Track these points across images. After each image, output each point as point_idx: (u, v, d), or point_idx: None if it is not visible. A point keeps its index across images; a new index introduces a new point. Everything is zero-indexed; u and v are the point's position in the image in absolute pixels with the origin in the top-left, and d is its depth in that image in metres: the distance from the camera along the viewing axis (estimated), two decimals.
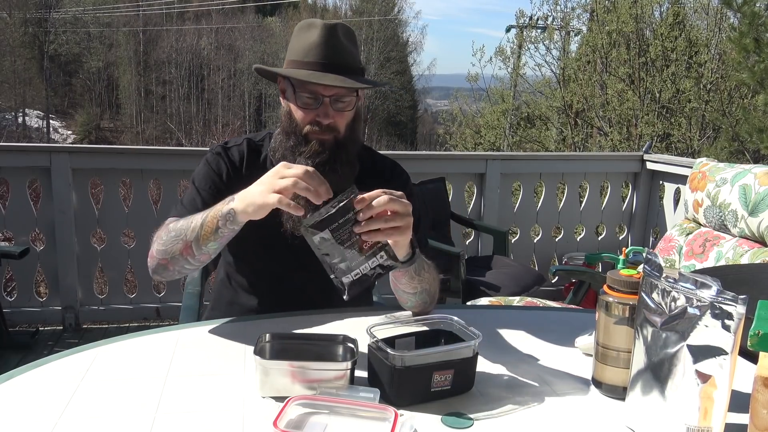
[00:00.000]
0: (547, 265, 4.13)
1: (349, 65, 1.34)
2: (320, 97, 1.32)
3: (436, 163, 4.12)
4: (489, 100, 15.10)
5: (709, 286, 0.84)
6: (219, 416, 0.94)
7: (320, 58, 1.32)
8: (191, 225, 1.23)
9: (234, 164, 1.43)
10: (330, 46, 1.33)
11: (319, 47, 1.33)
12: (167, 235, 1.27)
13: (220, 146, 1.47)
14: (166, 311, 3.66)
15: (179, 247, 1.25)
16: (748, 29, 5.40)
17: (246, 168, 1.43)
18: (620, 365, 1.01)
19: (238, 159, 1.44)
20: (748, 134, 6.01)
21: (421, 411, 0.95)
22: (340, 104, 1.34)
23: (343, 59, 1.34)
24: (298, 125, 1.35)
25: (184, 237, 1.24)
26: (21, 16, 32.07)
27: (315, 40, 1.33)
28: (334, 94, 1.33)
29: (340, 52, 1.34)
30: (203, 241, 1.21)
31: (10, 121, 31.28)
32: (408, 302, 1.34)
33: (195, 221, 1.23)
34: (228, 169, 1.42)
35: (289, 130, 1.37)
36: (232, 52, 34.98)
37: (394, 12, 36.99)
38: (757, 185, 2.03)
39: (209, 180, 1.41)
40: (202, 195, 1.39)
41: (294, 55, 1.36)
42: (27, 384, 1.02)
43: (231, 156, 1.44)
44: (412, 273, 1.24)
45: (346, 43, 1.36)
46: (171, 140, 29.24)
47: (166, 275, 1.32)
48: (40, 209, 3.46)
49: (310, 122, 1.34)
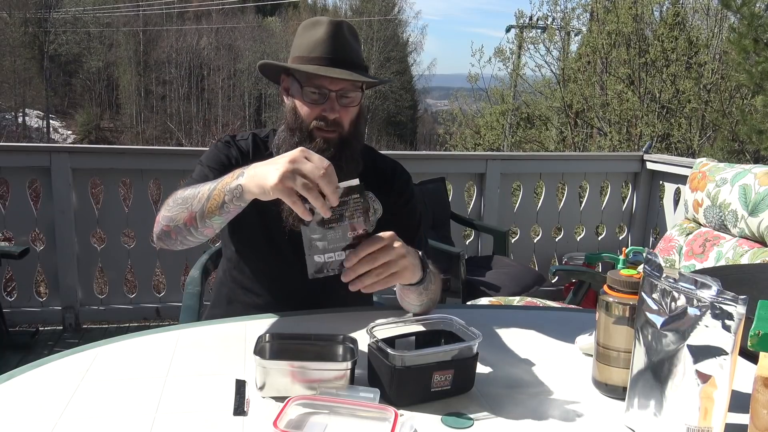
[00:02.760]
0: (547, 265, 4.13)
1: (354, 62, 1.35)
2: (326, 91, 1.33)
3: (436, 163, 4.12)
4: (489, 101, 15.10)
5: (709, 286, 0.84)
6: (219, 416, 0.94)
7: (327, 53, 1.33)
8: (198, 195, 1.19)
9: (242, 152, 1.43)
10: (336, 42, 1.34)
11: (326, 43, 1.33)
12: (174, 201, 1.25)
13: (229, 136, 1.47)
14: (166, 311, 3.66)
15: (184, 216, 1.21)
16: (747, 30, 5.40)
17: (253, 159, 1.43)
18: (620, 365, 1.01)
19: (245, 149, 1.45)
20: (747, 135, 6.01)
21: (421, 411, 0.95)
22: (345, 99, 1.35)
23: (349, 55, 1.35)
24: (303, 121, 1.35)
25: (190, 206, 1.20)
26: (21, 16, 32.06)
27: (321, 36, 1.33)
28: (340, 88, 1.33)
29: (346, 49, 1.35)
30: (208, 214, 1.17)
31: (10, 121, 31.28)
32: (412, 309, 1.34)
33: (202, 191, 1.18)
34: (237, 155, 1.42)
35: (294, 127, 1.37)
36: (232, 52, 34.98)
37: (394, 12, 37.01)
38: (757, 185, 2.03)
39: (219, 162, 1.40)
40: (212, 171, 1.37)
41: (299, 52, 1.36)
42: (27, 384, 1.02)
43: (239, 145, 1.45)
44: (421, 290, 1.24)
45: (351, 41, 1.37)
46: (171, 140, 29.24)
47: (170, 243, 1.29)
48: (40, 209, 3.46)
49: (316, 117, 1.34)
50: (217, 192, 1.15)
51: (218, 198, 1.14)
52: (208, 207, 1.16)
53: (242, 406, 0.96)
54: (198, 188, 1.21)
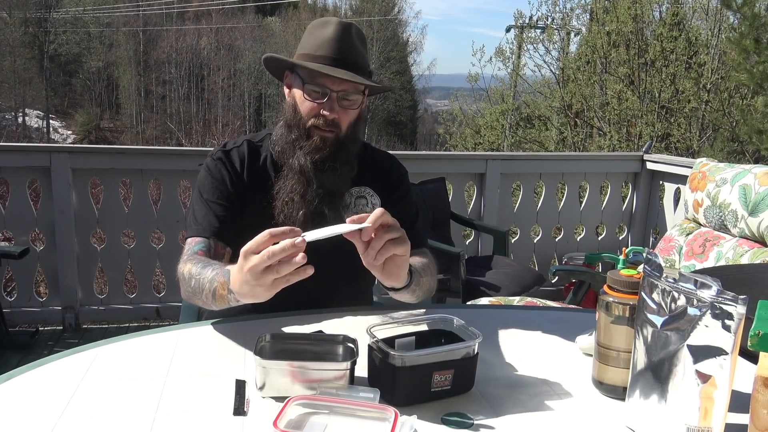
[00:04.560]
0: (547, 265, 4.13)
1: (359, 65, 1.35)
2: (328, 91, 1.33)
3: (436, 163, 4.12)
4: (489, 101, 15.10)
5: (709, 286, 0.84)
6: (219, 416, 0.94)
7: (333, 53, 1.33)
8: (204, 290, 1.22)
9: (235, 170, 1.42)
10: (343, 43, 1.34)
11: (332, 42, 1.33)
12: (188, 284, 1.28)
13: (220, 150, 1.45)
14: (166, 311, 3.65)
15: (200, 303, 1.28)
16: (748, 30, 5.40)
17: (247, 173, 1.43)
18: (620, 365, 1.01)
19: (239, 164, 1.43)
20: (747, 135, 6.01)
21: (421, 411, 0.95)
22: (346, 102, 1.35)
23: (354, 57, 1.35)
24: (302, 118, 1.35)
25: (202, 298, 1.25)
26: (21, 16, 32.06)
27: (329, 36, 1.34)
28: (342, 89, 1.33)
29: (352, 51, 1.35)
30: (219, 303, 1.22)
31: (10, 121, 31.28)
32: (410, 301, 1.34)
33: (206, 288, 1.22)
34: (230, 175, 1.42)
35: (293, 123, 1.37)
36: (232, 52, 34.98)
37: (394, 12, 37.01)
38: (757, 185, 2.03)
39: (216, 190, 1.40)
40: (213, 209, 1.39)
41: (305, 49, 1.36)
42: (27, 384, 1.02)
43: (232, 160, 1.43)
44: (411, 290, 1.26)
45: (358, 44, 1.37)
46: (171, 140, 29.24)
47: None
48: (40, 209, 3.46)
49: (315, 115, 1.34)
50: (219, 290, 1.19)
51: (222, 296, 1.19)
52: (218, 300, 1.21)
53: (242, 406, 0.96)
54: (202, 279, 1.23)
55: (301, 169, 1.36)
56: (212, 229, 1.37)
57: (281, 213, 1.37)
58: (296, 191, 1.37)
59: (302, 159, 1.36)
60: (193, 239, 1.37)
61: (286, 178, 1.39)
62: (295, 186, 1.37)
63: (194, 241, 1.36)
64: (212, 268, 1.24)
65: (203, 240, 1.36)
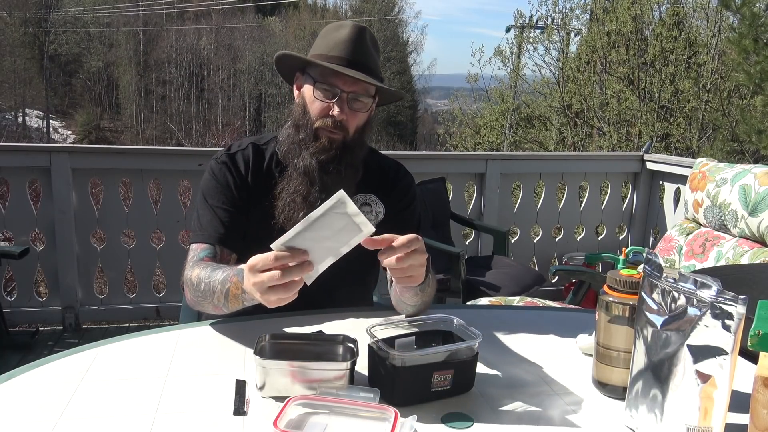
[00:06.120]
0: (547, 265, 4.13)
1: (371, 68, 1.35)
2: (339, 91, 1.33)
3: (436, 163, 4.12)
4: (489, 101, 15.09)
5: (709, 286, 0.84)
6: (219, 416, 0.94)
7: (346, 54, 1.33)
8: (216, 292, 1.22)
9: (240, 174, 1.42)
10: (357, 45, 1.34)
11: (346, 44, 1.33)
12: (196, 288, 1.27)
13: (225, 154, 1.44)
14: (166, 311, 3.65)
15: (210, 308, 1.27)
16: (747, 30, 5.40)
17: (252, 177, 1.42)
18: (620, 365, 1.01)
19: (243, 167, 1.42)
20: (746, 135, 6.01)
21: (421, 411, 0.95)
22: (356, 104, 1.35)
23: (367, 60, 1.35)
24: (310, 118, 1.35)
25: (212, 301, 1.24)
26: (21, 16, 32.07)
27: (343, 37, 1.34)
28: (353, 90, 1.33)
29: (366, 54, 1.35)
30: (233, 304, 1.22)
31: (10, 121, 31.28)
32: (404, 310, 1.34)
33: (218, 290, 1.22)
34: (235, 179, 1.41)
35: (301, 123, 1.37)
36: (232, 52, 34.98)
37: (394, 12, 37.03)
38: (757, 185, 2.03)
39: (221, 195, 1.40)
40: (218, 215, 1.38)
41: (319, 50, 1.36)
42: (27, 384, 1.02)
43: (237, 164, 1.42)
44: (418, 290, 1.25)
45: (371, 48, 1.37)
46: (171, 140, 29.23)
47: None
48: (40, 209, 3.46)
49: (324, 116, 1.34)
50: (232, 291, 1.19)
51: (235, 297, 1.19)
52: (230, 302, 1.21)
53: (242, 406, 0.96)
54: (212, 283, 1.23)
55: (306, 170, 1.36)
56: (218, 236, 1.37)
57: (282, 213, 1.37)
58: (299, 192, 1.36)
59: (308, 159, 1.35)
60: (199, 245, 1.37)
61: (290, 178, 1.39)
62: (299, 187, 1.37)
63: (200, 247, 1.36)
64: (222, 270, 1.24)
65: (209, 246, 1.36)
